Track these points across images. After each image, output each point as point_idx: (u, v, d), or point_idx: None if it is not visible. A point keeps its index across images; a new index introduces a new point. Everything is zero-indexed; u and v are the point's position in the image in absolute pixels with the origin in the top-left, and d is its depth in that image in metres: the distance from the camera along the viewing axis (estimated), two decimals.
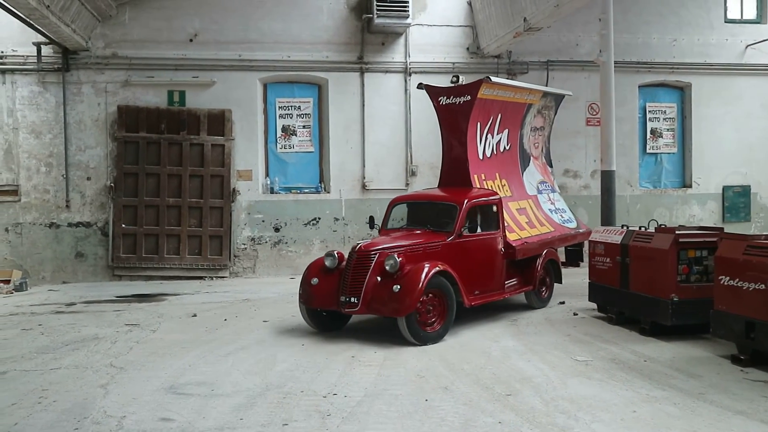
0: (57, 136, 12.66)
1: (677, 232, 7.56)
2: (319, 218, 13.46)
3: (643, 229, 8.28)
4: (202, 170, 12.90)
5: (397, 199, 9.28)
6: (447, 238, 8.03)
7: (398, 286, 7.22)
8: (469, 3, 13.88)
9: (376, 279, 7.46)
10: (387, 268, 7.41)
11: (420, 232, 8.34)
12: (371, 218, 9.54)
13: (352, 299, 7.45)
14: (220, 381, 6.09)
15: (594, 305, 9.00)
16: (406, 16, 12.86)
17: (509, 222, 9.10)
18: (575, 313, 9.06)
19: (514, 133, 10.31)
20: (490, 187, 9.31)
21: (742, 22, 15.19)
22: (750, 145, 15.26)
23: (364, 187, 13.61)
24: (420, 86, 9.92)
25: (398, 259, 7.39)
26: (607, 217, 10.96)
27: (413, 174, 13.71)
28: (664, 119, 15.15)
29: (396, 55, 13.70)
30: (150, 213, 12.72)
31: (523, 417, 5.08)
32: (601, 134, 11.21)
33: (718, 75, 15.02)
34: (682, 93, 15.26)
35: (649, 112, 15.07)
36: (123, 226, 12.63)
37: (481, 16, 13.44)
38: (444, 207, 8.54)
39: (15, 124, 12.55)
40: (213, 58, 13.03)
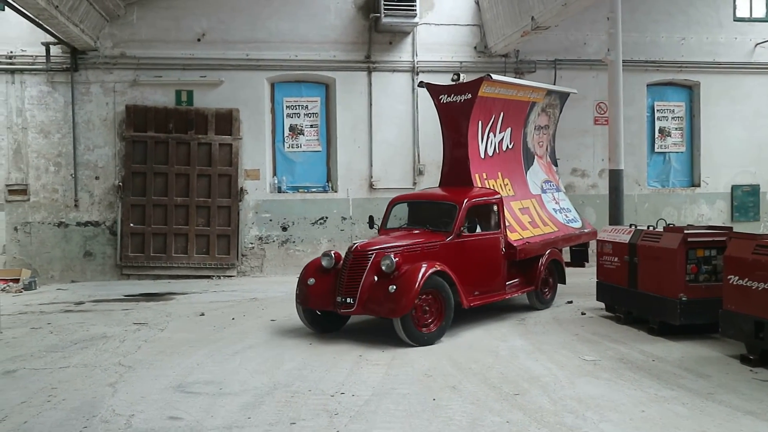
0: (66, 136, 12.73)
1: (686, 231, 7.52)
2: (327, 217, 13.47)
3: (652, 228, 8.24)
4: (210, 170, 12.94)
5: (396, 199, 9.21)
6: (446, 238, 7.94)
7: (394, 287, 7.13)
8: (477, 2, 13.84)
9: (373, 279, 7.36)
10: (383, 268, 7.31)
11: (418, 231, 8.25)
12: (371, 218, 9.40)
13: (348, 300, 7.37)
14: (227, 380, 6.10)
15: (602, 305, 8.97)
16: (414, 16, 12.84)
17: (511, 221, 9.00)
18: (583, 313, 9.03)
19: (517, 132, 10.20)
20: (491, 187, 9.22)
21: (751, 20, 15.07)
22: (759, 144, 15.16)
23: (371, 186, 13.61)
24: (421, 84, 9.89)
25: (395, 259, 7.30)
26: (615, 217, 10.89)
27: (421, 173, 13.69)
28: (673, 118, 15.07)
29: (403, 55, 13.69)
30: (158, 212, 12.78)
31: (531, 416, 5.07)
32: (609, 133, 11.15)
33: (727, 74, 14.92)
34: (690, 92, 15.18)
35: (658, 111, 14.99)
36: (131, 225, 12.69)
37: (489, 15, 13.42)
38: (443, 206, 8.45)
39: (24, 124, 12.62)
40: (221, 58, 13.07)
